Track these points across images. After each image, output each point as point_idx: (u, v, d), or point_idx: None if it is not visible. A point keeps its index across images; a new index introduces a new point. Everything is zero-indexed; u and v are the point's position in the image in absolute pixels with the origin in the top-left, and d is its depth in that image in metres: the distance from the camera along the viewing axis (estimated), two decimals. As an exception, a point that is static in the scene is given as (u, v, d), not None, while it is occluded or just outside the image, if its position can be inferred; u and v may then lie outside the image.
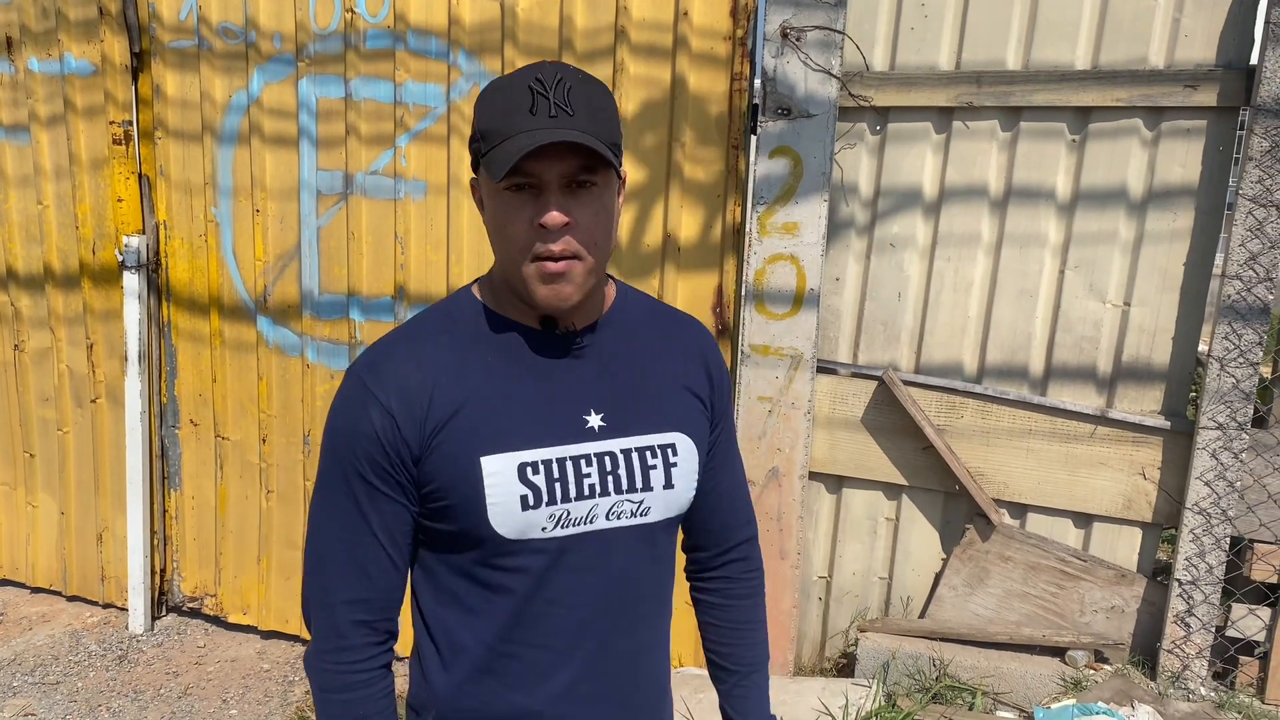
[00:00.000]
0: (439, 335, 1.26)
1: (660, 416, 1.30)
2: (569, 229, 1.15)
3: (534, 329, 1.27)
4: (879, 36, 3.26)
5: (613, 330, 1.32)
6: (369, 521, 1.23)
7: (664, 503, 1.29)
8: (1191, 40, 3.01)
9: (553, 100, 1.12)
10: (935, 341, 3.38)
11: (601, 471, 1.25)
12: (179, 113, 3.64)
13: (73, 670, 3.64)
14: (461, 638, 1.27)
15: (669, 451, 1.29)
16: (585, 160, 1.14)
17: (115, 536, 4.04)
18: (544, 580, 1.23)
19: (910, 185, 3.32)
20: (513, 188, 1.15)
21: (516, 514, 1.20)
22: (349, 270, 3.50)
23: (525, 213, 1.16)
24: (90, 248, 3.85)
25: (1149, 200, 3.12)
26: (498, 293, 1.28)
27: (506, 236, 1.18)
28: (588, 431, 1.25)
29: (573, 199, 1.15)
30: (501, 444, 1.20)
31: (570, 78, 1.15)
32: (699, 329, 1.42)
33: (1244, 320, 3.00)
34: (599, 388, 1.28)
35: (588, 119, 1.13)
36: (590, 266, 1.19)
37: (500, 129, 1.14)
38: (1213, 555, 3.11)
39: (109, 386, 3.95)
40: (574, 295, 1.19)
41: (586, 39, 3.14)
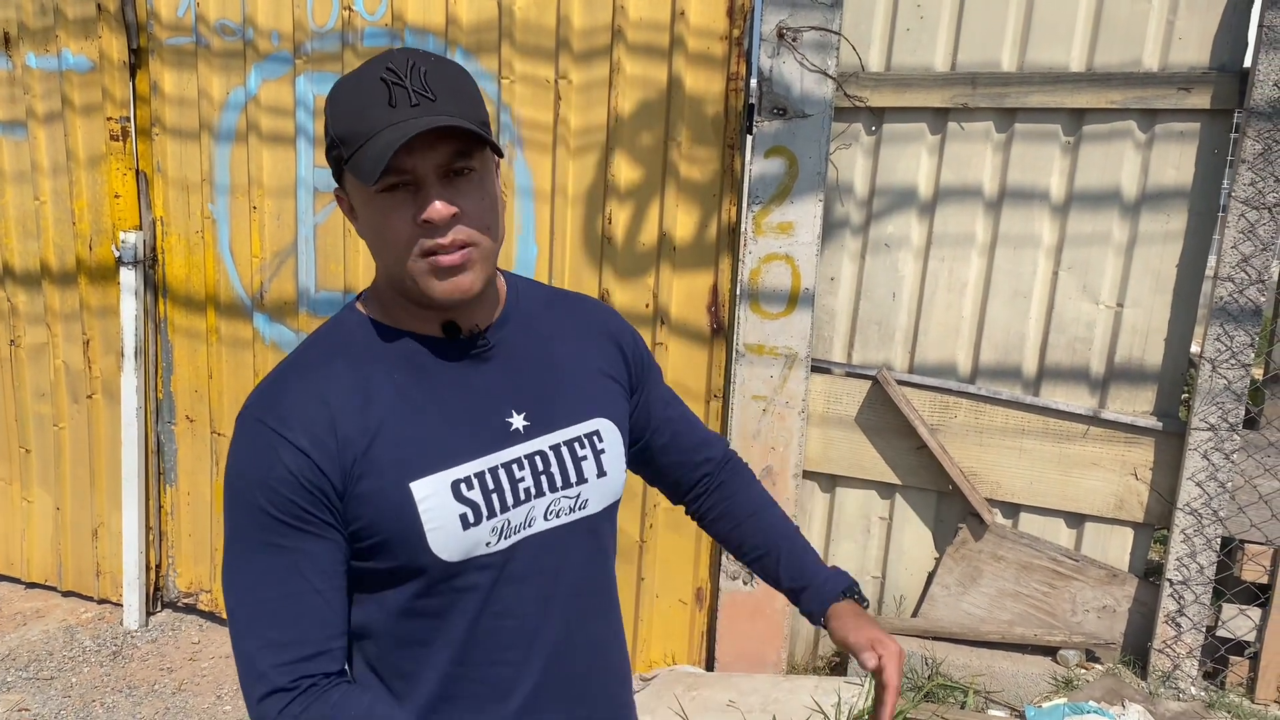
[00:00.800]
0: (332, 361, 1.15)
1: (580, 405, 1.26)
2: (457, 220, 1.07)
3: (435, 336, 1.18)
4: (875, 37, 3.28)
5: (514, 325, 1.25)
6: (300, 569, 1.10)
7: (600, 491, 1.25)
8: (1185, 43, 3.03)
9: (410, 88, 1.04)
10: (929, 341, 3.40)
11: (534, 472, 1.19)
12: (176, 110, 3.64)
13: (67, 666, 3.65)
14: (415, 672, 1.18)
15: (595, 439, 1.25)
16: (460, 145, 1.06)
17: (110, 532, 4.04)
18: (491, 595, 1.16)
19: (905, 186, 3.33)
20: (387, 189, 1.06)
21: (459, 535, 1.12)
22: (345, 267, 3.50)
23: (406, 212, 1.07)
24: (87, 244, 3.85)
25: (1142, 202, 3.14)
26: (387, 305, 1.18)
27: (388, 241, 1.08)
28: (513, 434, 1.18)
29: (453, 189, 1.07)
30: (429, 465, 1.12)
31: (423, 62, 1.06)
32: (597, 307, 1.39)
33: (1236, 322, 3.02)
34: (514, 387, 1.21)
35: (452, 101, 1.05)
36: (486, 252, 1.12)
37: (361, 129, 1.04)
38: (1204, 555, 3.13)
39: (105, 382, 3.96)
40: (475, 284, 1.11)
41: (583, 39, 3.15)
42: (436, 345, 1.18)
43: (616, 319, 1.39)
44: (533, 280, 1.36)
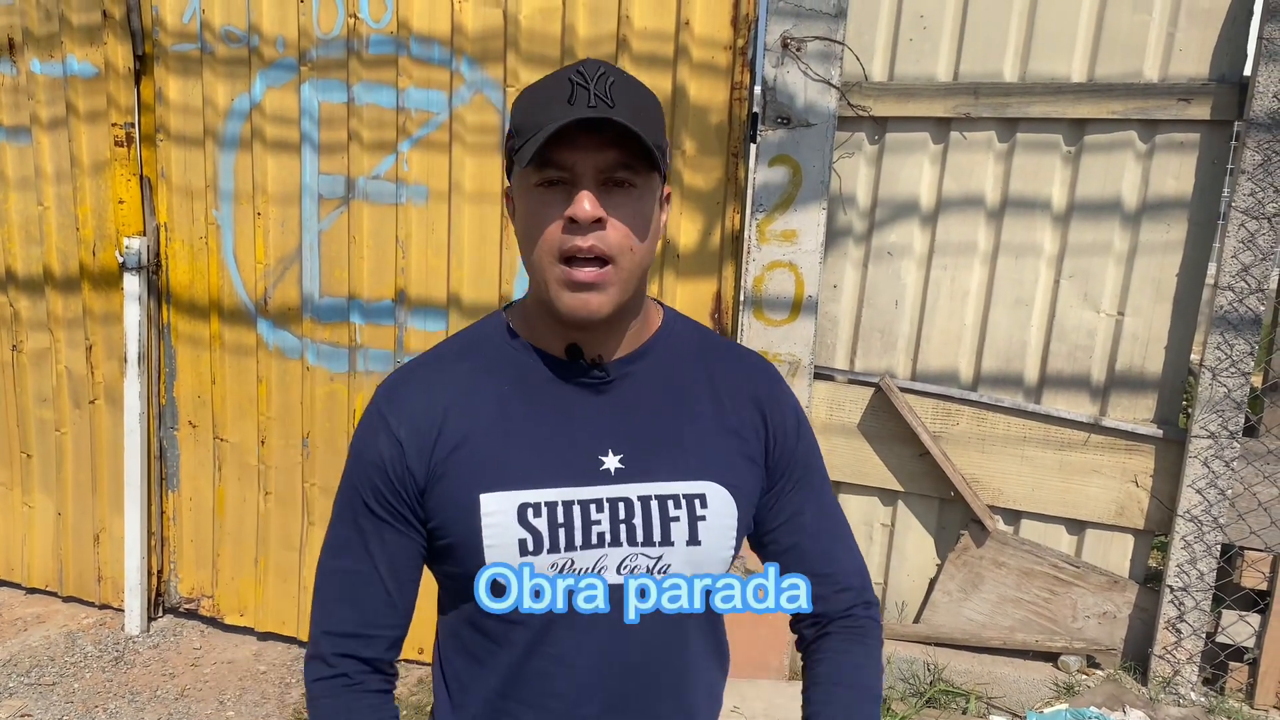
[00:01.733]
0: (460, 361, 1.19)
1: (690, 462, 1.15)
2: (601, 225, 1.05)
3: (557, 357, 1.16)
4: (878, 47, 3.30)
5: (649, 363, 1.19)
6: (372, 554, 1.16)
7: (687, 560, 1.14)
8: (1185, 54, 3.06)
9: (593, 91, 1.02)
10: (931, 349, 3.42)
11: (613, 519, 1.12)
12: (181, 116, 3.65)
13: (69, 671, 3.64)
14: (468, 685, 1.19)
15: (696, 502, 1.14)
16: (624, 156, 1.04)
17: (112, 537, 4.04)
18: (545, 635, 1.13)
19: (908, 195, 3.36)
20: (544, 184, 1.05)
21: (514, 558, 1.10)
22: (350, 274, 3.51)
23: (555, 209, 1.05)
24: (90, 249, 3.86)
25: (1143, 212, 3.17)
26: (529, 316, 1.18)
27: (533, 235, 1.08)
28: (602, 474, 1.13)
29: (608, 197, 1.05)
30: (502, 481, 1.11)
31: (614, 74, 1.05)
32: (758, 366, 1.26)
33: (1236, 330, 3.04)
34: (621, 426, 1.15)
35: (630, 112, 1.03)
36: (624, 274, 1.08)
37: (536, 121, 1.04)
38: (1204, 562, 3.15)
39: (107, 388, 3.96)
40: (603, 307, 1.07)
41: (588, 48, 3.16)
42: (556, 366, 1.16)
43: (774, 387, 1.25)
44: (698, 324, 1.28)
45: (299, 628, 3.82)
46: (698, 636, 1.20)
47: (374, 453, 1.14)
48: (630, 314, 1.16)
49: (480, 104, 3.29)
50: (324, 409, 3.65)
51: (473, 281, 3.39)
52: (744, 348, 1.30)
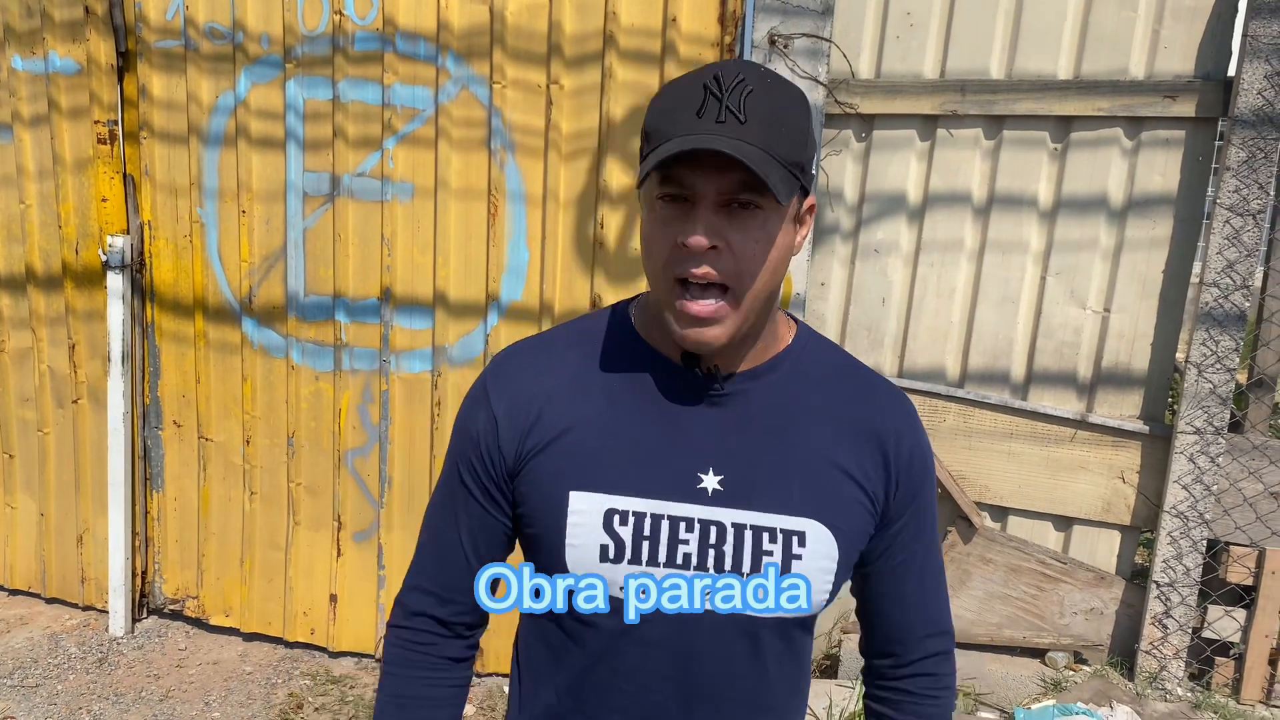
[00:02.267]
0: (571, 349, 1.15)
1: (794, 495, 1.09)
2: (715, 254, 0.99)
3: (672, 362, 1.11)
4: (865, 45, 3.30)
5: (771, 381, 1.12)
6: (458, 522, 1.17)
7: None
8: (1171, 52, 3.07)
9: (725, 103, 0.96)
10: (918, 346, 3.42)
11: (703, 542, 1.07)
12: (165, 113, 3.62)
13: (52, 673, 3.61)
14: (541, 676, 1.18)
15: (794, 540, 1.07)
16: (749, 177, 0.96)
17: (96, 538, 4.01)
18: (614, 647, 1.10)
19: (895, 192, 3.36)
20: (666, 198, 1.01)
21: (593, 563, 1.07)
22: (335, 272, 3.49)
23: (673, 229, 1.00)
24: (73, 248, 3.83)
25: (1129, 208, 3.18)
26: (649, 314, 1.13)
27: (651, 250, 1.04)
28: (698, 492, 1.07)
29: (729, 220, 0.99)
30: (594, 481, 1.08)
31: (754, 80, 0.98)
32: (892, 404, 1.17)
33: (1221, 327, 3.06)
34: (727, 445, 1.09)
35: (762, 129, 0.97)
36: (741, 304, 1.02)
37: (663, 129, 0.99)
38: (1190, 558, 3.16)
39: (91, 387, 3.93)
40: (719, 339, 1.03)
41: (575, 44, 3.15)
42: (670, 371, 1.11)
43: (906, 423, 1.16)
44: (830, 343, 1.22)
45: (285, 628, 3.80)
46: (776, 669, 1.14)
47: (473, 425, 1.15)
48: (753, 332, 1.09)
49: (466, 100, 3.27)
50: (309, 408, 3.63)
51: (459, 279, 3.38)
52: (880, 377, 1.21)
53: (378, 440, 3.57)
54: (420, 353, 3.48)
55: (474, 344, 3.41)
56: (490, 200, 3.30)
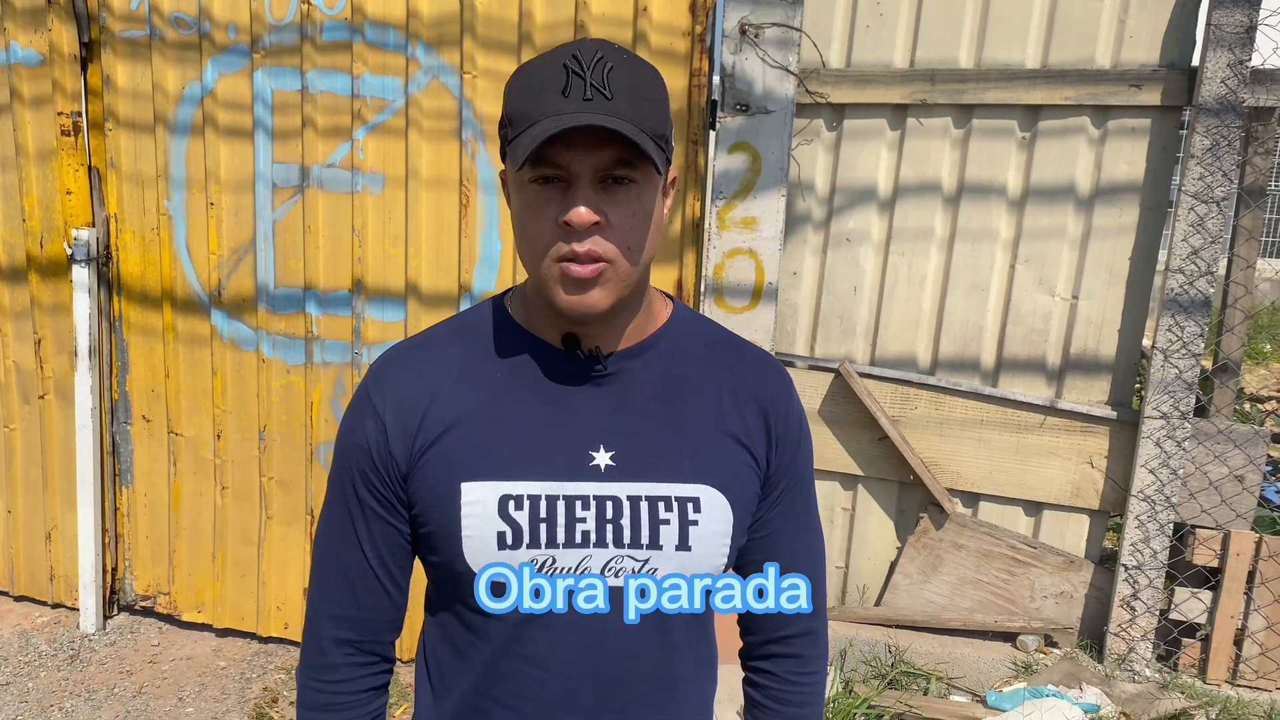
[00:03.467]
0: (450, 345, 1.15)
1: (686, 464, 1.10)
2: (599, 229, 1.00)
3: (554, 347, 1.12)
4: (835, 34, 3.32)
5: (650, 358, 1.14)
6: (359, 538, 1.14)
7: (676, 566, 1.09)
8: (1136, 41, 3.10)
9: (589, 81, 0.96)
10: (890, 334, 3.44)
11: (600, 518, 1.07)
12: (130, 104, 3.57)
13: (23, 671, 3.57)
14: (449, 679, 1.17)
15: (689, 506, 1.09)
16: (623, 152, 0.98)
17: (64, 535, 3.96)
18: (521, 634, 1.09)
19: (865, 181, 3.38)
20: (539, 180, 1.00)
21: (492, 552, 1.06)
22: (305, 264, 3.47)
23: (551, 209, 1.00)
24: (38, 241, 3.77)
25: (1096, 197, 3.21)
26: (527, 303, 1.14)
27: (528, 235, 1.03)
28: (591, 470, 1.08)
29: (606, 196, 1.00)
30: (485, 471, 1.07)
31: (613, 57, 0.99)
32: (767, 370, 1.19)
33: (1186, 313, 3.10)
34: (615, 422, 1.10)
35: (629, 104, 0.97)
36: (624, 273, 1.03)
37: (528, 112, 0.99)
38: (1157, 541, 3.21)
39: (57, 382, 3.87)
40: (602, 302, 1.03)
41: (546, 33, 3.14)
42: (552, 356, 1.12)
43: (781, 388, 1.18)
44: (705, 318, 1.23)
45: (258, 623, 3.77)
46: (685, 644, 1.16)
47: (360, 435, 1.12)
48: (631, 307, 1.11)
49: (437, 90, 3.25)
50: (281, 401, 3.60)
51: (431, 270, 3.36)
52: (754, 346, 1.23)
53: (350, 433, 3.54)
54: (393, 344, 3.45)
55: (447, 335, 3.40)
56: (462, 191, 3.28)
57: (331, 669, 1.17)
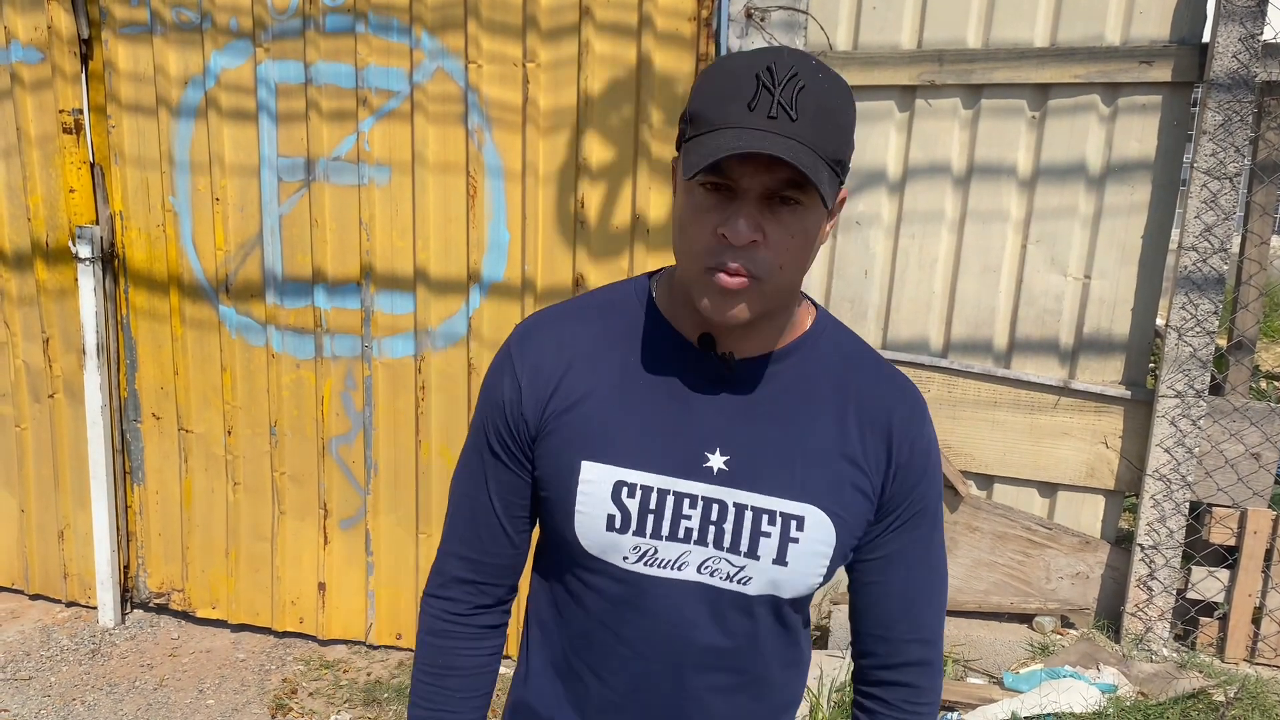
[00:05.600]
0: (593, 320, 1.18)
1: (797, 480, 1.12)
2: (755, 247, 1.00)
3: (689, 343, 1.14)
4: (842, 16, 3.29)
5: (783, 368, 1.14)
6: (488, 486, 1.21)
7: (769, 579, 1.12)
8: (1146, 17, 3.07)
9: (778, 98, 0.97)
10: (901, 318, 3.43)
11: (704, 519, 1.11)
12: (133, 100, 3.56)
13: (45, 665, 3.59)
14: (550, 630, 1.24)
15: (792, 524, 1.11)
16: (795, 175, 0.98)
17: (77, 534, 3.97)
18: (616, 612, 1.15)
19: (874, 164, 3.35)
20: (707, 185, 1.01)
21: (600, 531, 1.12)
22: (313, 258, 3.46)
23: (712, 217, 1.01)
24: (43, 241, 3.76)
25: (1107, 175, 3.19)
26: (672, 292, 1.16)
27: (686, 236, 1.04)
28: (704, 471, 1.11)
29: (770, 214, 1.01)
30: (605, 453, 1.12)
31: (807, 76, 0.98)
32: (899, 391, 1.18)
33: (1200, 291, 3.08)
34: (736, 427, 1.12)
35: (812, 127, 0.97)
36: (771, 291, 1.04)
37: (711, 116, 1.00)
38: (1173, 520, 3.20)
39: (66, 381, 3.87)
40: (743, 315, 1.04)
41: (551, 16, 3.12)
42: (687, 351, 1.14)
43: (912, 412, 1.17)
44: (846, 329, 1.23)
45: (273, 618, 3.78)
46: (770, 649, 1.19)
47: (498, 392, 1.18)
48: (774, 317, 1.12)
49: (441, 78, 3.23)
50: (291, 396, 3.60)
51: (440, 260, 3.35)
52: (893, 368, 1.22)
53: (362, 427, 3.55)
54: (403, 337, 3.45)
55: (457, 326, 3.39)
56: (469, 180, 3.27)
57: (452, 601, 1.25)
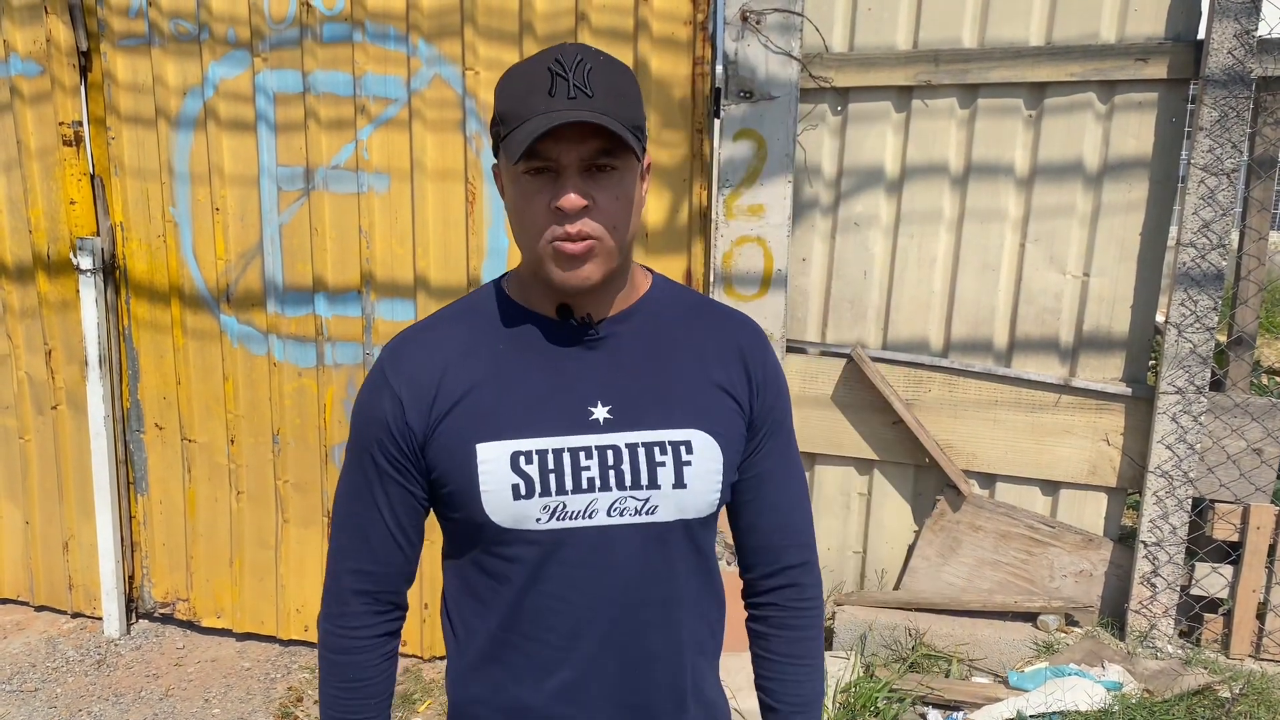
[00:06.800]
0: (456, 325, 1.28)
1: (676, 411, 1.24)
2: (587, 212, 1.14)
3: (549, 318, 1.25)
4: (837, 18, 3.29)
5: (636, 322, 1.27)
6: (377, 501, 1.27)
7: (675, 503, 1.22)
8: (1141, 14, 3.07)
9: (572, 81, 1.10)
10: (901, 318, 3.43)
11: (602, 465, 1.20)
12: (133, 112, 3.57)
13: (51, 676, 3.59)
14: (472, 625, 1.29)
15: (681, 449, 1.22)
16: (605, 143, 1.12)
17: (82, 545, 3.97)
18: (540, 573, 1.22)
19: (872, 164, 3.36)
20: (531, 171, 1.14)
21: (509, 503, 1.19)
22: (314, 267, 3.46)
23: (543, 196, 1.14)
24: (44, 252, 3.77)
25: (1105, 172, 3.19)
26: (523, 282, 1.27)
27: (524, 221, 1.17)
28: (591, 423, 1.21)
29: (592, 182, 1.14)
30: (496, 432, 1.20)
31: (591, 59, 1.13)
32: (743, 326, 1.33)
33: (1199, 287, 3.08)
34: (609, 379, 1.24)
35: (608, 100, 1.11)
36: (610, 249, 1.17)
37: (518, 111, 1.12)
38: (1175, 516, 3.20)
39: (69, 393, 3.88)
40: (593, 275, 1.17)
41: (547, 22, 3.13)
42: (549, 326, 1.25)
43: (756, 339, 1.32)
44: (683, 286, 1.38)
45: (278, 626, 3.78)
46: (687, 574, 1.28)
47: (378, 410, 1.24)
48: (618, 279, 1.24)
49: (439, 85, 3.24)
50: (293, 404, 3.60)
51: (439, 267, 3.36)
52: (729, 307, 1.37)
53: (364, 433, 3.55)
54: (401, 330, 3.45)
55: (457, 333, 3.40)
56: (468, 186, 3.27)
57: (352, 616, 1.30)
